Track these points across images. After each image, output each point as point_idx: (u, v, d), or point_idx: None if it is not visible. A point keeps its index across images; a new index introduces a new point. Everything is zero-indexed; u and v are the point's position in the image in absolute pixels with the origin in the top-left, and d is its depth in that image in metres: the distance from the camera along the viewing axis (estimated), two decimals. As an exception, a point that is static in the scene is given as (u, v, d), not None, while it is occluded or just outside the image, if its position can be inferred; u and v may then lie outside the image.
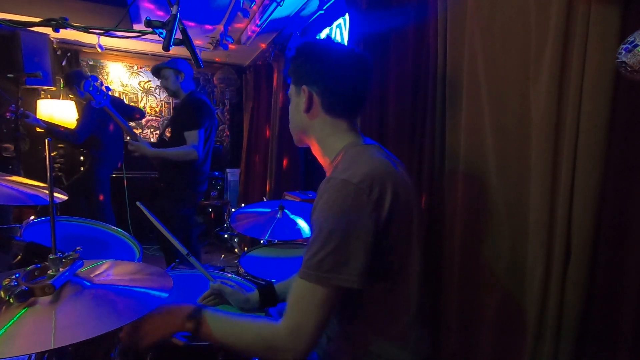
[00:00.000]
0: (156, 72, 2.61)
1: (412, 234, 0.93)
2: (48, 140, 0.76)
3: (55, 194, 1.28)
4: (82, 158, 3.99)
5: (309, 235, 1.67)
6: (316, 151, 1.05)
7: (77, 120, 3.35)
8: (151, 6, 3.15)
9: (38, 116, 3.88)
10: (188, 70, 2.61)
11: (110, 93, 2.30)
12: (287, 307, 0.82)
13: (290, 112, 1.06)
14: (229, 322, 0.86)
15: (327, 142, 1.00)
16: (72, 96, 3.99)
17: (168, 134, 2.79)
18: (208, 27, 3.61)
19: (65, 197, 1.33)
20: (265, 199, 2.00)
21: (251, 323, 0.85)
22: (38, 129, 3.15)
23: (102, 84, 2.18)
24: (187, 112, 2.52)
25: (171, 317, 0.86)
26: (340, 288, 0.79)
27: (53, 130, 3.15)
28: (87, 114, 3.13)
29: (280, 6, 2.84)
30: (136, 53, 4.65)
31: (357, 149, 0.95)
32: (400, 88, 1.78)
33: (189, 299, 1.22)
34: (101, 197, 3.31)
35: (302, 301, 0.81)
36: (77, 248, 0.81)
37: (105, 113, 2.29)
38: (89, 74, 3.35)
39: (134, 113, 3.56)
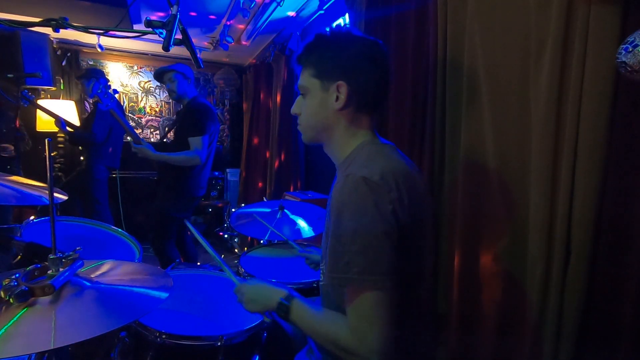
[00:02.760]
0: (160, 75, 2.60)
1: (425, 239, 0.89)
2: (48, 140, 0.76)
3: (55, 194, 1.28)
4: (81, 158, 3.99)
5: (309, 235, 1.68)
6: (330, 148, 0.99)
7: (88, 119, 3.37)
8: (151, 8, 3.15)
9: (38, 116, 3.89)
10: (193, 76, 2.62)
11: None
12: (347, 311, 0.80)
13: (310, 108, 0.96)
14: (310, 315, 0.88)
15: (346, 139, 0.94)
16: (81, 87, 4.03)
17: (170, 137, 2.79)
18: (208, 27, 3.61)
19: (65, 197, 1.33)
20: (265, 199, 1.99)
21: (326, 322, 0.85)
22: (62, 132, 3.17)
23: (109, 87, 2.20)
24: (191, 118, 2.52)
25: (269, 294, 0.93)
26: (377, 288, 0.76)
27: (75, 135, 3.19)
28: (101, 112, 3.15)
29: (280, 6, 2.84)
30: (136, 53, 4.64)
31: (374, 147, 0.92)
32: (400, 89, 1.78)
33: (189, 299, 1.22)
34: (100, 200, 3.32)
35: (354, 305, 0.78)
36: (77, 248, 0.81)
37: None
38: (105, 77, 3.35)
39: None
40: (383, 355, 0.76)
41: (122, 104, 4.62)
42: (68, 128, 3.17)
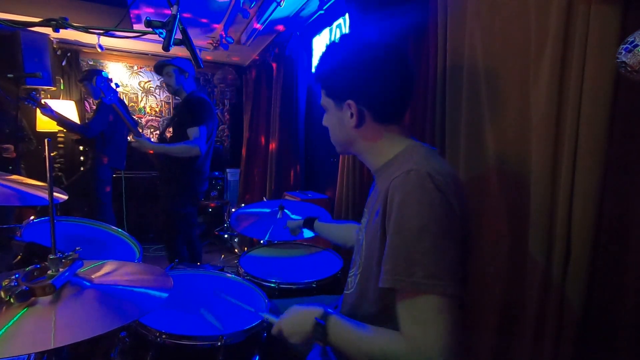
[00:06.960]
0: (159, 68, 2.62)
1: (471, 241, 0.86)
2: (47, 141, 0.76)
3: (56, 194, 1.28)
4: (82, 158, 3.99)
5: (310, 235, 1.67)
6: (363, 158, 0.96)
7: (92, 114, 3.37)
8: (151, 10, 3.15)
9: (38, 116, 3.89)
10: (192, 70, 2.62)
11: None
12: (402, 318, 0.74)
13: (331, 125, 0.96)
14: (352, 332, 0.79)
15: (380, 148, 0.90)
16: (83, 89, 4.04)
17: (169, 134, 2.80)
18: (208, 26, 3.61)
19: (65, 197, 1.33)
20: (265, 199, 2.00)
21: (374, 338, 0.77)
22: (51, 120, 3.12)
23: (112, 81, 2.23)
24: (189, 110, 2.53)
25: (303, 319, 0.85)
26: (446, 295, 0.69)
27: (65, 122, 3.15)
28: (102, 110, 3.16)
29: (280, 6, 2.84)
30: (136, 53, 4.64)
31: (424, 150, 0.87)
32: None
33: (189, 299, 1.23)
34: (104, 201, 3.32)
35: (412, 309, 0.72)
36: (77, 248, 0.81)
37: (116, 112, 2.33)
38: (108, 74, 3.36)
39: None
40: None
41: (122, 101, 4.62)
42: (61, 116, 3.08)
